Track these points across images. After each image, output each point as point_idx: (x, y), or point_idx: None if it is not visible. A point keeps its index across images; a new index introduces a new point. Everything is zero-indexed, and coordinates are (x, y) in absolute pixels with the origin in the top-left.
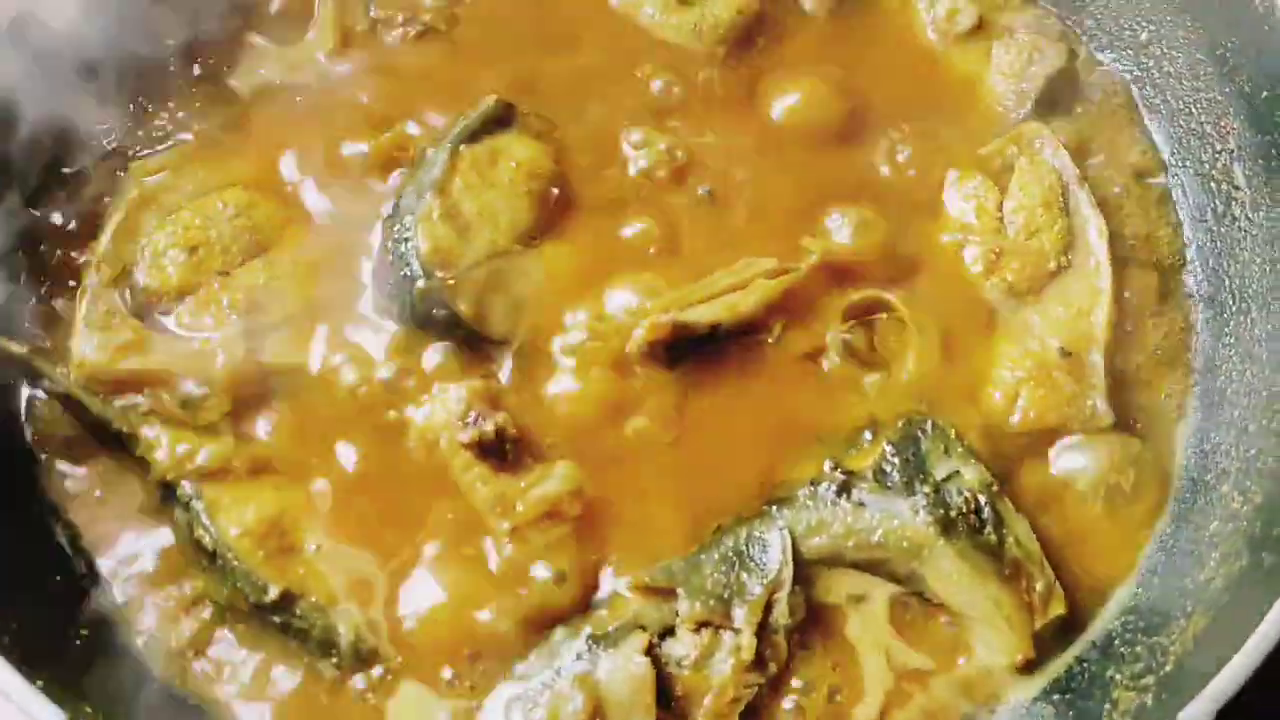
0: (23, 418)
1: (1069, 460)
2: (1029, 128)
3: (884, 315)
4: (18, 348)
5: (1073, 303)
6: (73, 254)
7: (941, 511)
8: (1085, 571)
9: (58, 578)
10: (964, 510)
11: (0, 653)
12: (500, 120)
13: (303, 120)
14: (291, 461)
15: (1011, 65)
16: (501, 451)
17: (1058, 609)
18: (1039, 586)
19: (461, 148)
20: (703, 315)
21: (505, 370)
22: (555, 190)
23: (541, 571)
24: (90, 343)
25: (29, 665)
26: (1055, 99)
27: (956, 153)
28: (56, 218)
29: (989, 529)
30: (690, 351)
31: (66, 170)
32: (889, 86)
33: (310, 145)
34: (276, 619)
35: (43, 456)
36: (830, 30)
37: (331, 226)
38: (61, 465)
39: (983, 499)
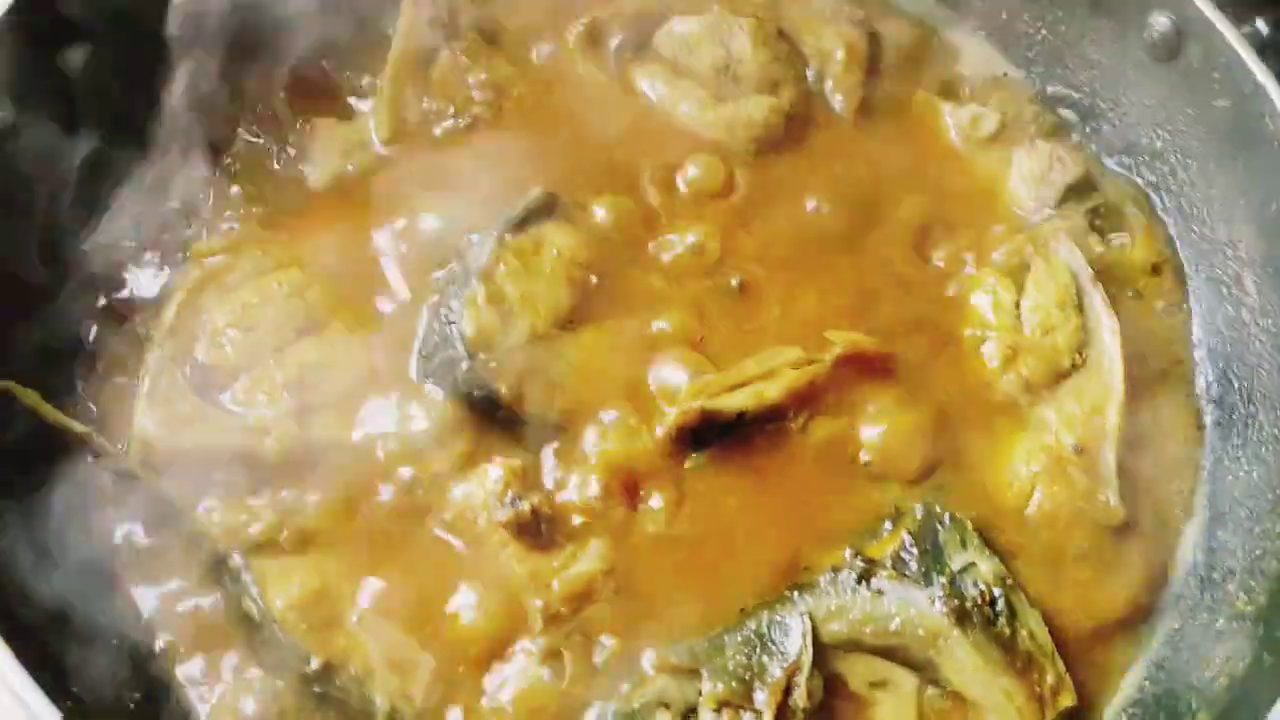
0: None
1: (1079, 552)
2: (1045, 229)
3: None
4: (81, 427)
5: (1086, 400)
6: (136, 331)
7: (957, 602)
8: (1093, 664)
9: (114, 641)
10: (979, 602)
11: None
12: (544, 210)
13: (356, 207)
14: (335, 535)
15: (1032, 171)
16: (536, 530)
17: (1067, 701)
18: (1049, 679)
19: (507, 236)
20: (731, 403)
21: (540, 450)
22: (594, 278)
23: (576, 654)
24: (152, 418)
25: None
26: (1072, 202)
27: (977, 251)
28: (124, 291)
29: (1002, 621)
30: (717, 437)
31: (134, 242)
32: (914, 185)
33: (364, 231)
34: (316, 689)
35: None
36: (860, 131)
37: (381, 308)
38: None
39: (997, 591)
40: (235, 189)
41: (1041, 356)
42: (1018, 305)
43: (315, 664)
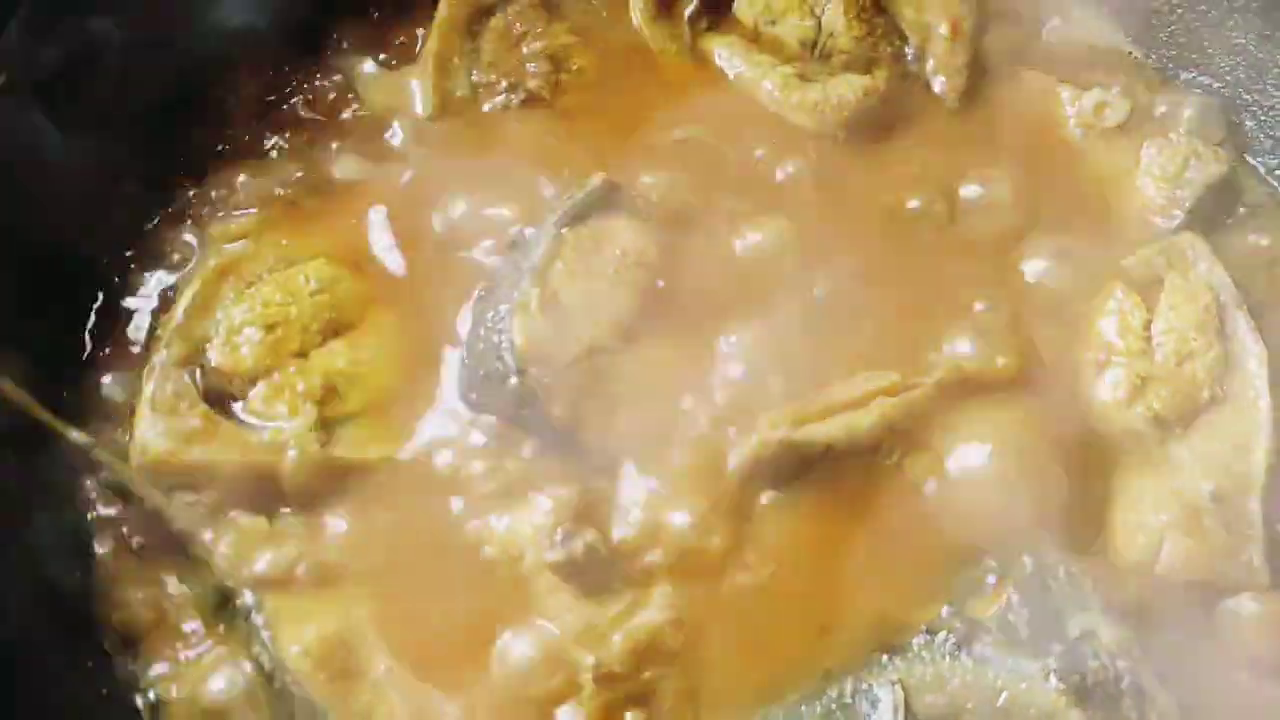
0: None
1: (1217, 621)
2: (1182, 239)
3: None
4: (78, 436)
5: (1227, 440)
6: (143, 326)
7: (1076, 678)
8: None
9: (103, 691)
10: (1101, 679)
11: None
12: (606, 201)
13: (393, 188)
14: (361, 572)
15: (1164, 168)
16: (590, 574)
17: None
18: None
19: (564, 230)
20: (817, 434)
21: (596, 479)
22: (661, 282)
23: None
24: (155, 428)
25: None
26: (1213, 209)
27: (1097, 261)
28: (131, 282)
29: (1129, 702)
30: (799, 473)
31: (145, 228)
32: (1025, 182)
33: (402, 215)
34: None
35: (100, 553)
36: (962, 117)
37: (419, 307)
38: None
39: (1123, 665)
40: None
41: (1176, 388)
42: (1148, 327)
43: None
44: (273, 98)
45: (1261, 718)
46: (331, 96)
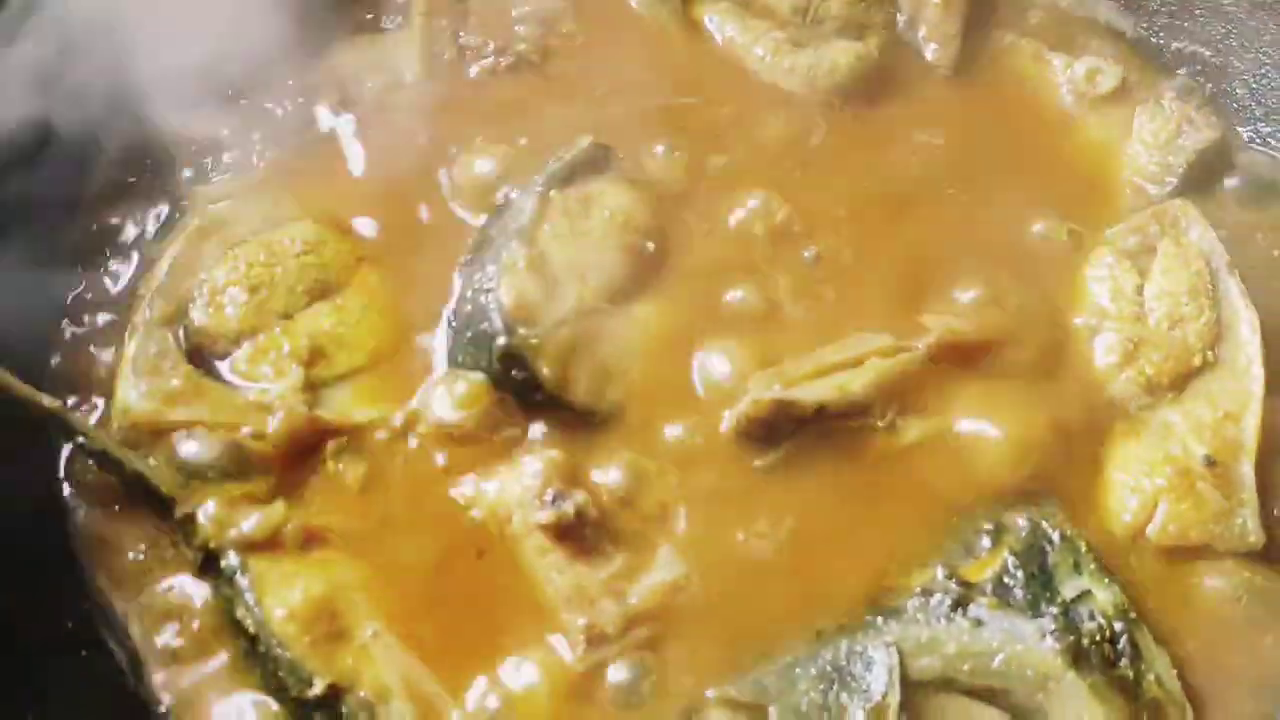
0: (61, 474)
1: (1210, 585)
2: (1174, 205)
3: None
4: (50, 401)
5: (1219, 405)
6: (124, 285)
7: (1072, 638)
8: (1234, 709)
9: (82, 653)
10: (1097, 638)
11: None
12: (594, 164)
13: (379, 149)
14: (348, 534)
15: (1156, 135)
16: (580, 535)
17: None
18: None
19: (552, 193)
20: (809, 395)
21: (586, 443)
22: (650, 245)
23: (621, 677)
24: (137, 388)
25: None
26: (1204, 176)
27: (1089, 226)
28: (112, 241)
29: (1125, 662)
30: (791, 434)
31: (130, 181)
32: (1016, 149)
33: (386, 177)
34: (319, 716)
35: (78, 516)
36: (955, 84)
37: (406, 268)
38: (96, 528)
39: (1119, 626)
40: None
41: (1168, 352)
42: (1140, 292)
43: (319, 686)
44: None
45: (1253, 675)
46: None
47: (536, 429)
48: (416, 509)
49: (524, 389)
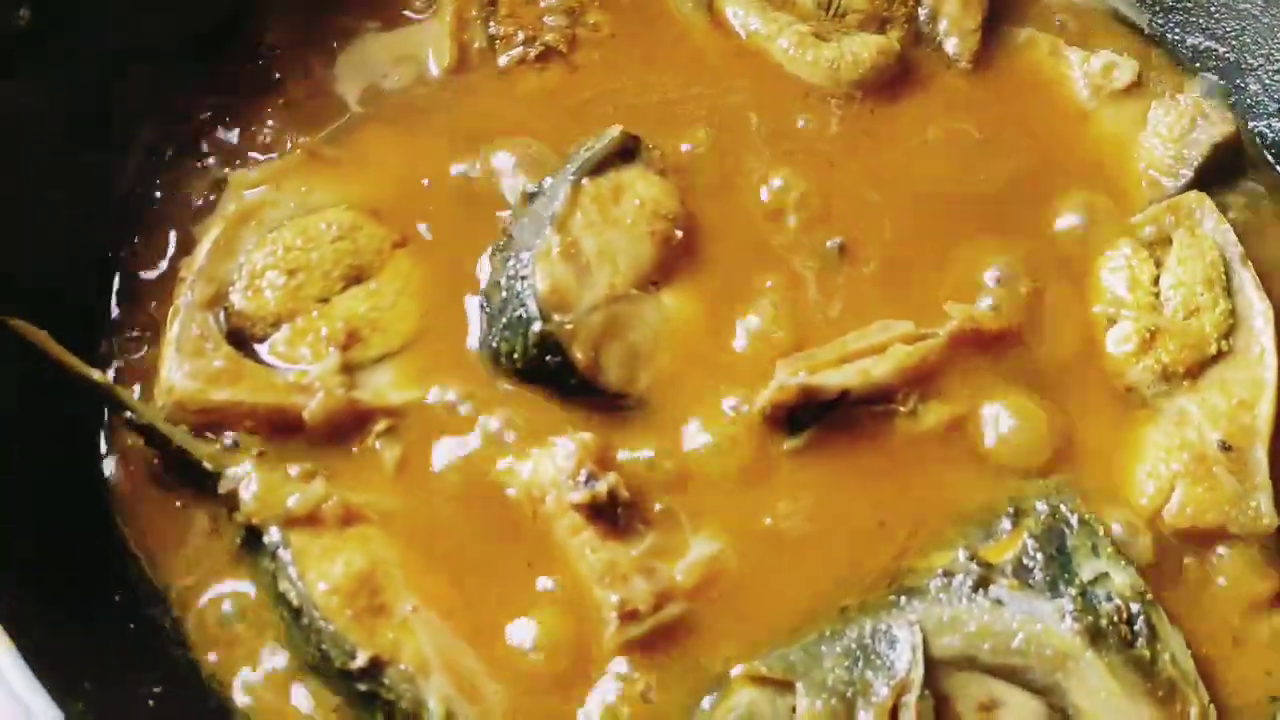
0: (103, 450)
1: (1224, 562)
2: (1189, 197)
3: None
4: (100, 376)
5: (1233, 393)
6: (167, 269)
7: (1090, 619)
8: (1241, 697)
9: (131, 626)
10: (1115, 619)
11: (73, 715)
12: (624, 154)
13: (411, 138)
14: (387, 512)
15: (1171, 129)
16: (613, 515)
17: None
18: (1193, 711)
19: (584, 181)
20: (833, 380)
21: (619, 427)
22: (679, 233)
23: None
24: (180, 369)
25: None
26: (1219, 169)
27: (1105, 218)
28: (152, 225)
29: (1141, 642)
30: (816, 418)
31: (165, 172)
32: (1033, 142)
33: (420, 165)
34: (362, 687)
35: (123, 495)
36: (974, 78)
37: (439, 255)
38: (142, 505)
39: (1135, 607)
40: (276, 112)
41: (1184, 341)
42: (1156, 283)
43: (361, 658)
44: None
45: (1264, 658)
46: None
47: (571, 411)
48: (452, 488)
49: (558, 374)
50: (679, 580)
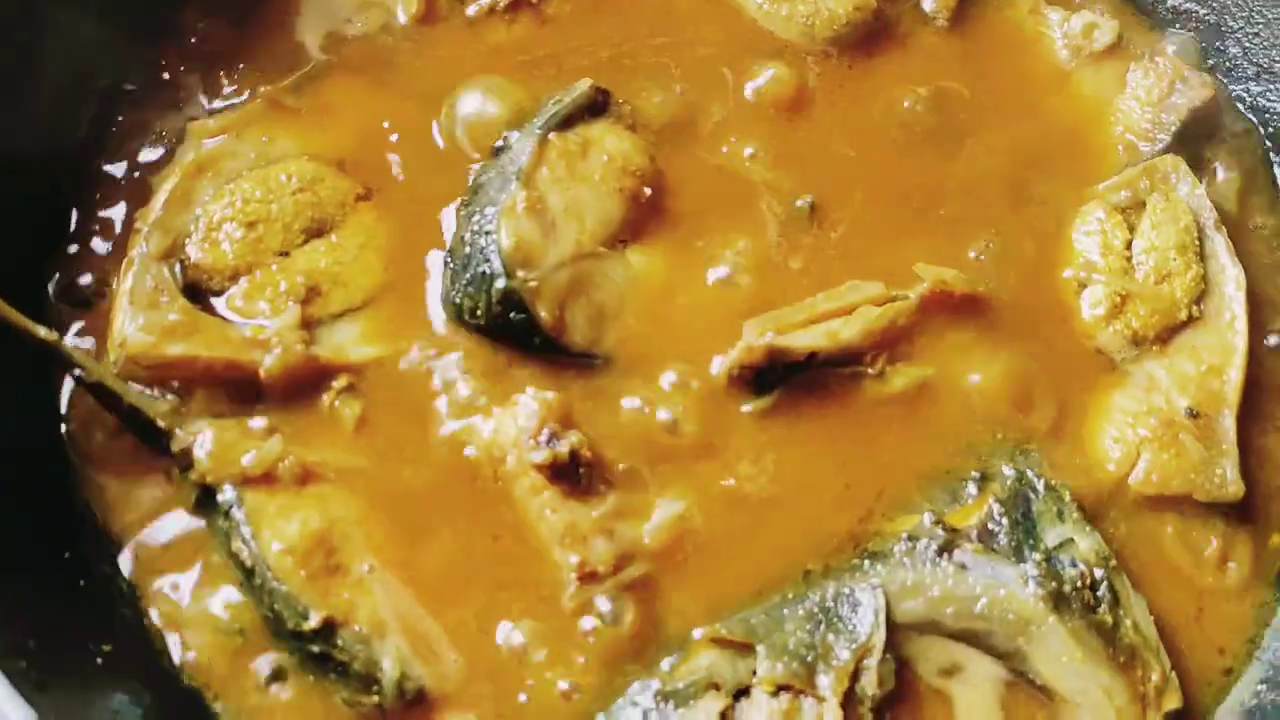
0: (62, 409)
1: (1188, 531)
2: (1164, 161)
3: None
4: (46, 333)
5: (1203, 359)
6: (121, 219)
7: (1054, 584)
8: (1201, 662)
9: (81, 583)
10: (1078, 585)
11: (14, 673)
12: (593, 108)
13: (377, 88)
14: (344, 470)
15: (1150, 92)
16: (574, 476)
17: (1173, 703)
18: (1154, 676)
19: (551, 136)
20: (801, 341)
21: (581, 385)
22: (648, 190)
23: (609, 611)
24: (135, 321)
25: (45, 682)
26: (1196, 134)
27: (1080, 181)
28: (107, 174)
29: (1104, 608)
30: (783, 379)
31: (121, 119)
32: (1010, 103)
33: (384, 116)
34: (315, 648)
35: (80, 452)
36: (951, 37)
37: (403, 208)
38: (95, 465)
39: (1099, 573)
40: (237, 59)
41: (1155, 306)
42: (1129, 247)
43: (314, 619)
44: None
45: (1223, 628)
46: None
47: (533, 369)
48: (411, 447)
49: (522, 331)
50: (640, 542)
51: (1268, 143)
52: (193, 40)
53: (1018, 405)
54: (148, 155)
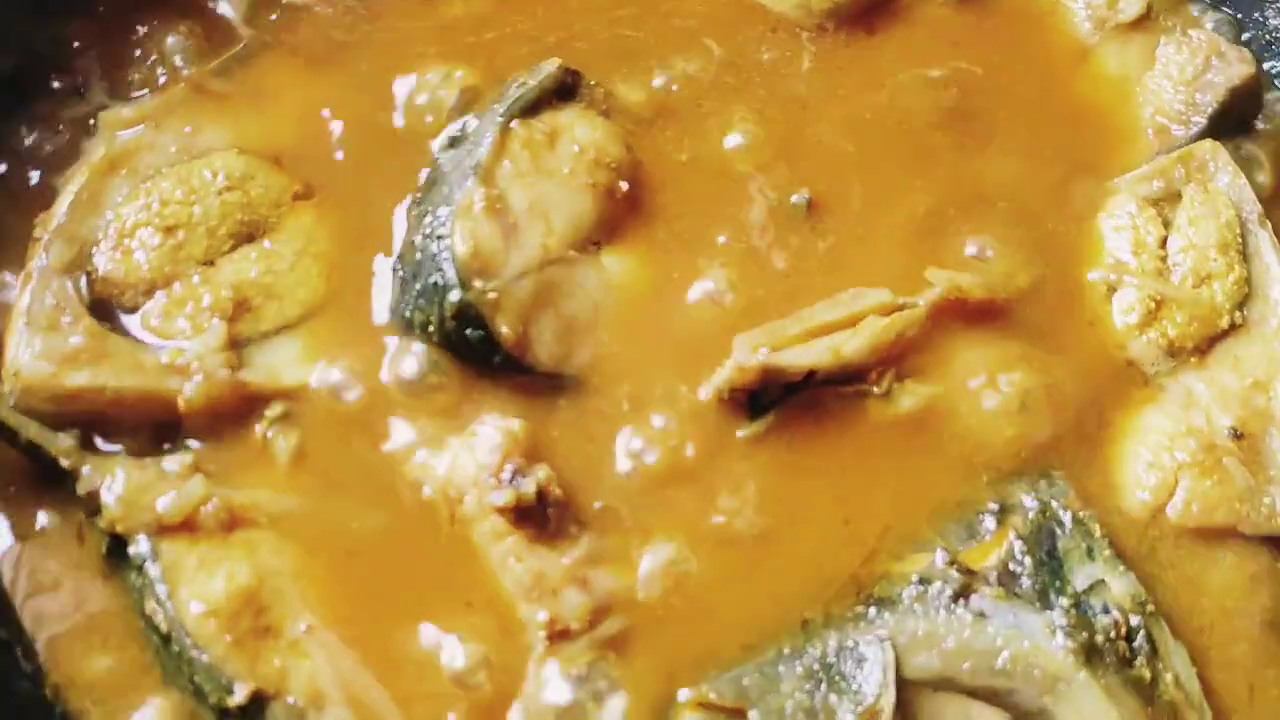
0: None
1: (1237, 570)
2: (1202, 147)
3: None
4: None
5: (1247, 372)
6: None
7: (1084, 635)
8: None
9: None
10: (1112, 635)
11: None
12: (562, 91)
13: (316, 71)
14: (278, 514)
15: (1183, 69)
16: (542, 517)
17: None
18: None
19: (514, 123)
20: (799, 359)
21: (548, 410)
22: (624, 185)
23: (587, 681)
24: (31, 347)
25: None
26: (1235, 116)
27: (1107, 171)
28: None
29: (1141, 660)
30: (778, 401)
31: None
32: (1027, 83)
33: (324, 103)
34: None
35: None
36: (961, 9)
37: (346, 208)
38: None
39: (1135, 620)
40: (154, 37)
41: (1193, 313)
42: (1164, 245)
43: (240, 694)
44: None
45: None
46: None
47: (494, 395)
48: (356, 487)
49: (480, 350)
50: (616, 592)
51: None
52: (107, 15)
53: (1040, 426)
54: (51, 152)
